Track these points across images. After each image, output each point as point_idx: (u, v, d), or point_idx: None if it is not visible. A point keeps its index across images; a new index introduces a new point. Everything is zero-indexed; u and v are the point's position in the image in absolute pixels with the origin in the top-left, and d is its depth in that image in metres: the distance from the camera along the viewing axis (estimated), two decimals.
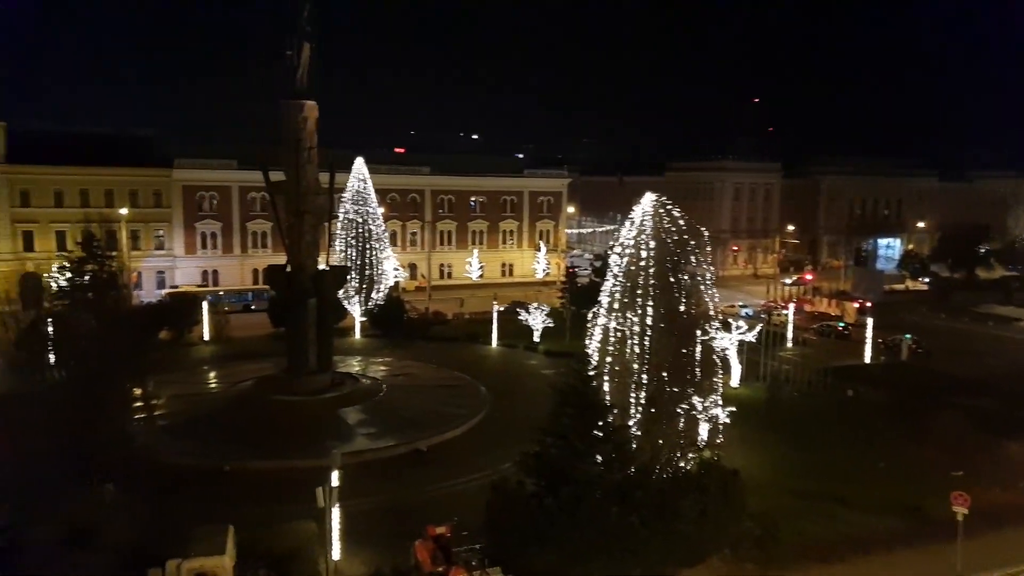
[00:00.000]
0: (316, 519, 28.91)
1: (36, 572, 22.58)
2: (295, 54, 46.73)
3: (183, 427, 42.22)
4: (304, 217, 46.65)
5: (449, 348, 65.73)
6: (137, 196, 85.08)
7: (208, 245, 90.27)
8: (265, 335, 62.04)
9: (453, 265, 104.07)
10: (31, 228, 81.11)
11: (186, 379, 51.84)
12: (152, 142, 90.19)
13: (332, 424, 43.29)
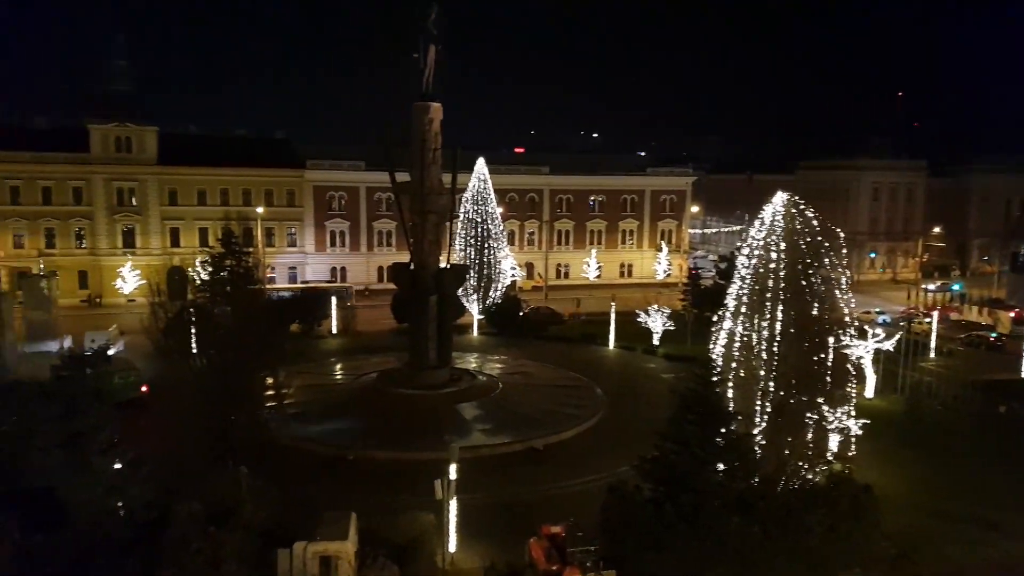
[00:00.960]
0: (434, 511, 29.40)
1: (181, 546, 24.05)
2: (422, 57, 47.85)
3: (311, 415, 44.13)
4: (427, 217, 47.73)
5: (565, 348, 65.54)
6: (272, 195, 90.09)
7: (337, 243, 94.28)
8: (388, 330, 64.00)
9: (570, 265, 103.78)
10: (178, 225, 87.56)
11: (315, 370, 54.21)
12: (287, 144, 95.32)
13: (450, 418, 44.03)
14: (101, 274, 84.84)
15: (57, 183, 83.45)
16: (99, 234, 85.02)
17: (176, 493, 27.97)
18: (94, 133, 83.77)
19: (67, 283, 79.52)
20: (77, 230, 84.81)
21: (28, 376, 49.30)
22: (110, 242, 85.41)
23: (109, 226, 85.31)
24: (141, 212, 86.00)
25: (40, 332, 62.42)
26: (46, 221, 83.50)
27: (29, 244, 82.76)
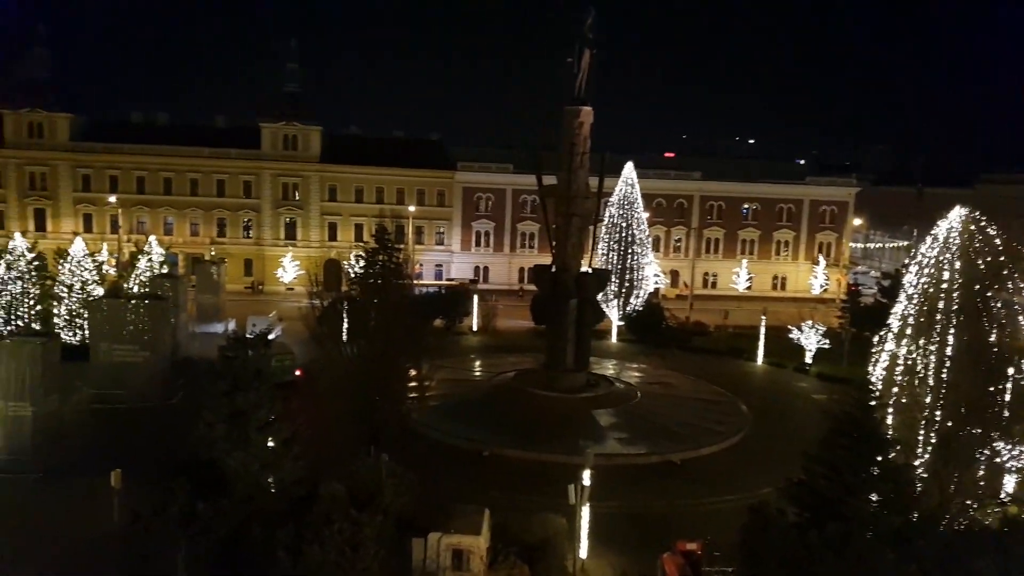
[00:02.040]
0: (566, 514, 29.23)
1: (324, 524, 25.22)
2: (576, 61, 47.88)
3: (450, 410, 45.18)
4: (572, 220, 47.68)
5: (709, 361, 63.46)
6: (424, 195, 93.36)
7: (481, 243, 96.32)
8: (527, 330, 64.50)
9: (719, 274, 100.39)
10: (335, 220, 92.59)
11: (455, 365, 55.51)
12: (439, 146, 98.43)
13: (585, 424, 43.70)
14: (264, 263, 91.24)
15: (230, 177, 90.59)
16: (264, 226, 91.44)
17: (322, 474, 29.40)
18: (265, 132, 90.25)
19: (234, 270, 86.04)
20: (245, 221, 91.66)
21: (197, 354, 53.99)
22: (274, 234, 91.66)
23: (274, 219, 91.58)
24: (303, 207, 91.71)
25: (209, 314, 67.92)
26: (218, 212, 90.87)
27: (203, 232, 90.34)
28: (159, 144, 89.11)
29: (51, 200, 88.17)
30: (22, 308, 55.79)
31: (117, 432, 40.50)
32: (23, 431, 35.76)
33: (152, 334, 48.00)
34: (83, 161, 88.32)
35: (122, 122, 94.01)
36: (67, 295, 57.46)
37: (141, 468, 29.81)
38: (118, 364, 47.02)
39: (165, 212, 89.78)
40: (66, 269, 58.11)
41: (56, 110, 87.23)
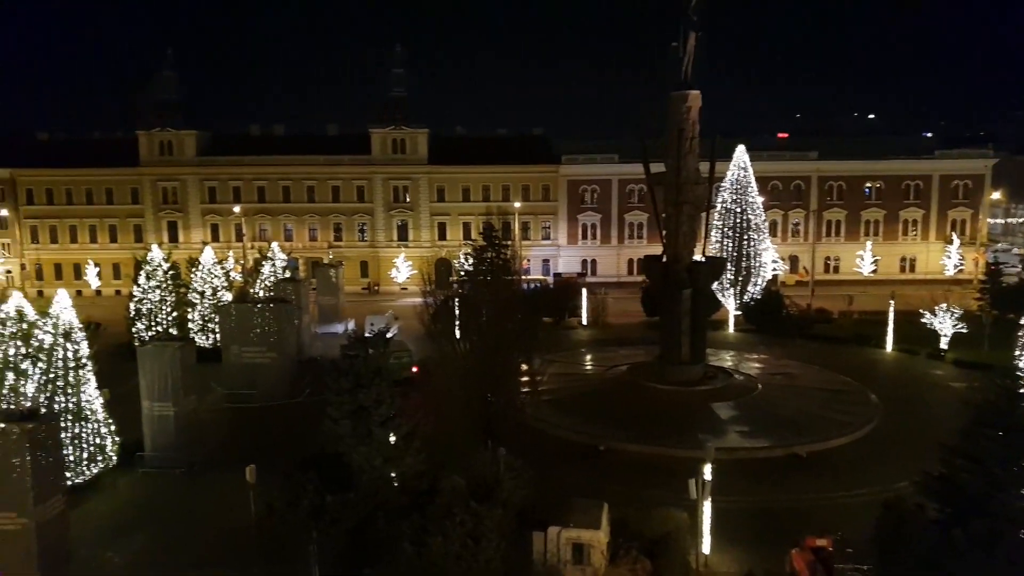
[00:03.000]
0: (687, 509, 28.60)
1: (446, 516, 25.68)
2: (681, 44, 46.68)
3: (563, 404, 45.11)
4: (682, 207, 46.51)
5: (833, 349, 60.48)
6: (529, 190, 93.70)
7: (588, 236, 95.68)
8: (639, 323, 63.62)
9: (841, 258, 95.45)
10: (444, 220, 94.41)
11: (566, 359, 55.39)
12: (543, 141, 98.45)
13: (704, 417, 42.59)
14: (379, 264, 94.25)
15: (344, 183, 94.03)
16: (377, 228, 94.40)
17: (442, 467, 29.99)
18: (375, 137, 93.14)
19: (351, 272, 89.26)
20: (360, 225, 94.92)
21: (320, 354, 56.35)
22: (387, 235, 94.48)
23: (386, 221, 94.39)
24: (413, 208, 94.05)
25: (329, 315, 70.78)
26: (334, 217, 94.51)
27: (321, 237, 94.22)
28: (277, 155, 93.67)
29: (182, 212, 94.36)
30: (160, 315, 59.96)
31: (249, 429, 42.85)
32: (167, 430, 38.38)
33: (278, 336, 50.42)
34: (209, 174, 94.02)
35: (243, 136, 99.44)
36: (200, 301, 61.31)
37: (273, 463, 31.36)
38: (248, 365, 49.71)
39: (285, 219, 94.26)
40: (198, 277, 62.00)
41: (184, 128, 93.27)
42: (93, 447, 36.12)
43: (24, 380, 35.40)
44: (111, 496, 35.28)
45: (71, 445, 34.34)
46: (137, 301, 60.19)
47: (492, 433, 35.75)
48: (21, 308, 38.81)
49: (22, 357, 35.98)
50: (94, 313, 66.04)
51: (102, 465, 36.54)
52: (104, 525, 32.18)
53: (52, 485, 27.51)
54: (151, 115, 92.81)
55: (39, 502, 26.42)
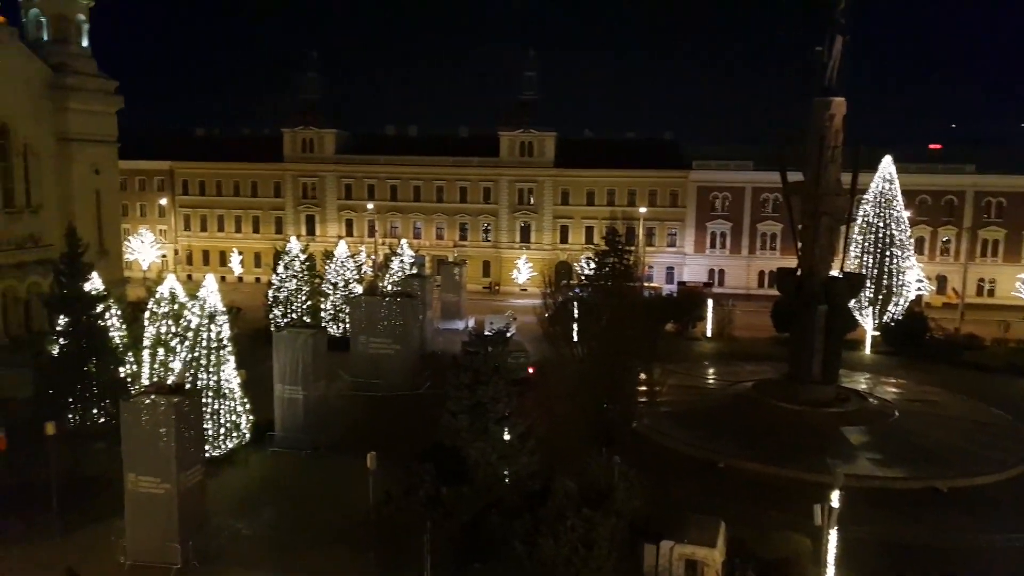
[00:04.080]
0: (810, 535, 27.08)
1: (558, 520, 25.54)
2: (826, 48, 44.39)
3: (682, 416, 43.91)
4: (820, 219, 44.20)
5: (984, 378, 55.70)
6: (656, 196, 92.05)
7: (716, 244, 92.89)
8: (766, 338, 60.94)
9: (997, 280, 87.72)
10: (567, 223, 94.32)
11: (688, 371, 53.91)
12: (673, 145, 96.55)
13: (833, 440, 40.25)
14: (500, 265, 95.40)
15: (471, 184, 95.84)
16: (501, 229, 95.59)
17: (554, 469, 29.83)
18: (503, 139, 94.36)
19: (473, 271, 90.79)
20: (484, 225, 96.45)
21: (441, 349, 57.61)
22: (509, 236, 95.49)
23: (510, 222, 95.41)
24: (537, 210, 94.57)
25: (451, 312, 72.32)
26: (461, 217, 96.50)
27: (447, 236, 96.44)
28: (409, 155, 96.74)
29: (319, 207, 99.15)
30: (296, 303, 63.17)
31: (372, 417, 44.27)
32: (296, 412, 40.28)
33: (403, 329, 51.92)
34: (346, 172, 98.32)
35: (379, 136, 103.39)
36: (332, 292, 64.10)
37: (393, 452, 32.24)
38: (374, 355, 51.47)
39: (414, 217, 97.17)
40: (331, 269, 64.85)
41: (325, 127, 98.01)
42: (229, 423, 38.41)
43: (172, 357, 38.13)
44: (243, 471, 37.37)
45: (210, 420, 36.58)
46: (275, 289, 63.69)
47: (606, 440, 35.26)
48: (174, 290, 41.81)
49: (172, 335, 38.75)
50: (235, 298, 70.30)
51: (236, 441, 38.80)
52: (235, 497, 34.10)
53: (193, 455, 29.25)
54: (295, 114, 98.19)
55: (181, 470, 28.16)
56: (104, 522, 30.28)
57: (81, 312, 41.02)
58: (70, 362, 40.31)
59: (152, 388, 30.95)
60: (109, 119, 74.62)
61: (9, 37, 64.00)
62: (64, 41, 69.32)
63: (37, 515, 30.73)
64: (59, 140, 68.63)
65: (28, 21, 68.47)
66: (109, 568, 28.26)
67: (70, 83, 68.57)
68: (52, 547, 29.21)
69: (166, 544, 28.07)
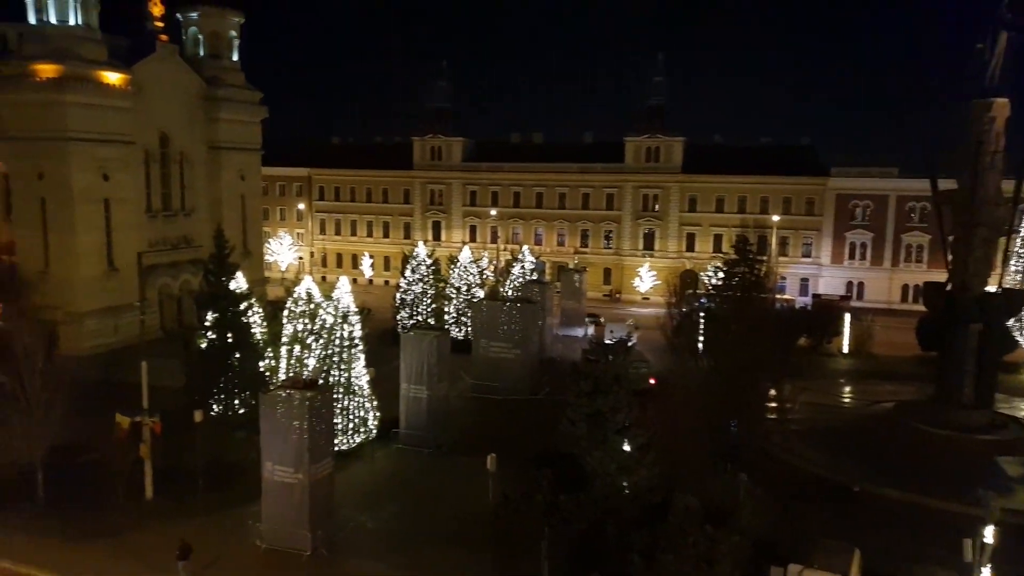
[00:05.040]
0: (959, 572, 24.90)
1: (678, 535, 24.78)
2: (988, 46, 41.00)
3: (814, 436, 41.66)
4: (976, 230, 40.76)
5: None
6: (790, 204, 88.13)
7: (856, 256, 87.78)
8: (910, 357, 56.91)
9: None
10: (694, 231, 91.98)
11: (821, 389, 51.11)
12: (810, 151, 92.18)
13: (985, 471, 36.93)
14: (622, 272, 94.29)
15: (595, 190, 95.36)
16: (624, 236, 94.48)
17: (675, 484, 28.97)
18: (628, 145, 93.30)
19: (594, 278, 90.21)
20: (606, 232, 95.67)
21: (560, 355, 57.51)
22: (632, 244, 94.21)
23: (633, 229, 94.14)
24: (662, 217, 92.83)
25: (571, 318, 72.10)
26: (583, 223, 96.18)
27: (568, 242, 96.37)
28: (533, 162, 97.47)
29: (445, 213, 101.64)
30: (421, 306, 64.91)
31: (492, 419, 44.75)
32: (420, 411, 41.29)
33: (523, 334, 52.23)
34: (471, 179, 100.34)
35: (503, 143, 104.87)
36: (456, 296, 65.44)
37: (511, 455, 32.38)
38: (494, 359, 52.07)
39: (536, 223, 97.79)
40: (455, 273, 66.23)
41: (452, 135, 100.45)
42: (358, 419, 39.90)
43: (307, 353, 40.01)
44: (369, 465, 38.69)
45: (340, 415, 38.11)
46: (402, 291, 65.76)
47: (731, 457, 34.00)
48: (310, 290, 43.91)
49: (307, 333, 40.68)
50: (366, 299, 73.04)
51: (364, 436, 40.24)
52: (361, 491, 35.34)
53: (323, 448, 30.46)
54: (425, 122, 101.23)
55: (313, 462, 29.39)
56: (243, 506, 32.19)
57: (226, 309, 43.83)
58: (216, 355, 43.15)
59: (288, 383, 32.56)
60: (254, 128, 79.60)
61: (171, 54, 69.54)
62: (217, 56, 74.58)
63: (185, 495, 33.08)
64: (210, 148, 73.86)
65: (187, 39, 74.13)
66: (247, 549, 29.98)
67: (221, 95, 73.66)
68: (198, 525, 31.32)
69: (297, 531, 29.45)
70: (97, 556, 29.43)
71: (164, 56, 68.26)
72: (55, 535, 30.75)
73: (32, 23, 58.71)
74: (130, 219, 64.06)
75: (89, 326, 59.05)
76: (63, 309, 56.71)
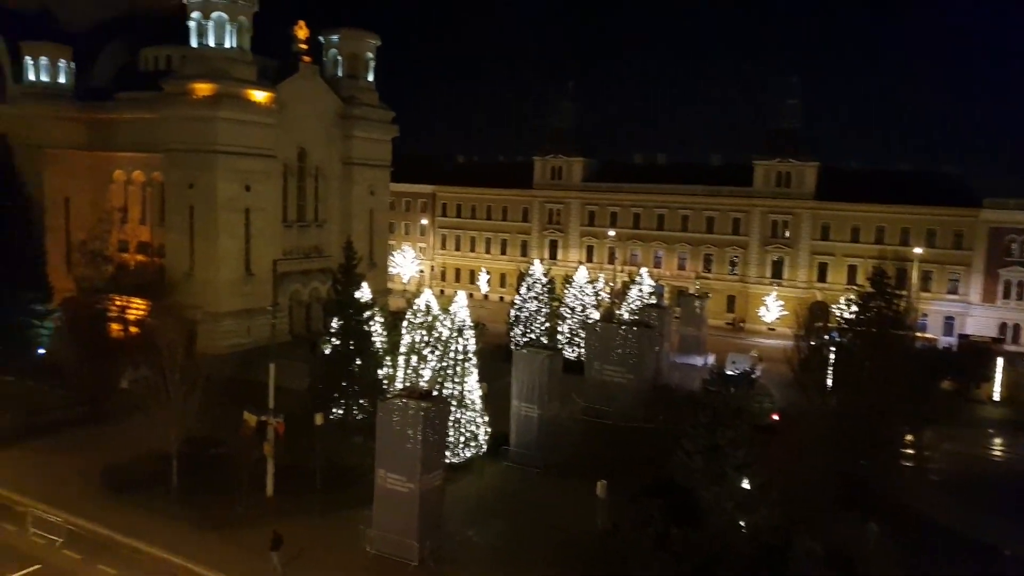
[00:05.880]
0: None
1: None
2: None
3: (957, 489, 38.36)
4: None
5: None
6: (934, 236, 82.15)
7: (1011, 295, 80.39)
8: None
9: None
10: (826, 260, 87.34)
11: (968, 438, 46.98)
12: (958, 180, 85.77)
13: None
14: (747, 300, 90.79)
15: (720, 214, 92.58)
16: (750, 263, 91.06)
17: (797, 527, 27.31)
18: (758, 168, 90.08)
19: (716, 305, 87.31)
20: (731, 257, 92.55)
21: (676, 383, 55.86)
22: (759, 271, 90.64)
23: (760, 256, 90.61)
24: (791, 245, 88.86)
25: (689, 346, 69.98)
26: (706, 248, 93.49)
27: (690, 266, 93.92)
28: (655, 183, 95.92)
29: (563, 232, 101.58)
30: (535, 324, 64.92)
31: (602, 444, 43.93)
32: (531, 430, 41.08)
33: (638, 359, 51.13)
34: (590, 199, 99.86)
35: (625, 164, 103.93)
36: (570, 316, 65.06)
37: (621, 481, 31.52)
38: (607, 382, 51.22)
39: (656, 246, 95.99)
40: (570, 293, 65.89)
41: (574, 155, 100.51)
42: (469, 433, 40.14)
43: (424, 364, 40.72)
44: (478, 481, 38.76)
45: (452, 428, 38.43)
46: (517, 308, 66.04)
47: (860, 504, 31.78)
48: (429, 303, 44.77)
49: (424, 344, 41.42)
50: (480, 314, 74.00)
51: (474, 451, 40.42)
52: (469, 505, 35.41)
53: (435, 459, 30.81)
54: (547, 143, 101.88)
55: (424, 472, 29.75)
56: (355, 510, 32.95)
57: (351, 317, 45.34)
58: (338, 361, 44.66)
59: (405, 392, 33.17)
60: (385, 145, 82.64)
61: (312, 74, 73.40)
62: (354, 76, 78.06)
63: (303, 494, 34.25)
64: (343, 163, 77.20)
65: (327, 60, 78.05)
66: (356, 553, 30.62)
67: (357, 113, 76.99)
68: (312, 525, 32.37)
69: (405, 540, 29.79)
70: (219, 545, 30.91)
71: (306, 76, 72.12)
72: (184, 521, 32.57)
73: (193, 46, 63.51)
74: (267, 228, 67.77)
75: (226, 326, 62.71)
76: (203, 309, 60.47)
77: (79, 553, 30.31)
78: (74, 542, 31.01)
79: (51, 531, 31.37)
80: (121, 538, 31.50)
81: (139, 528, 32.06)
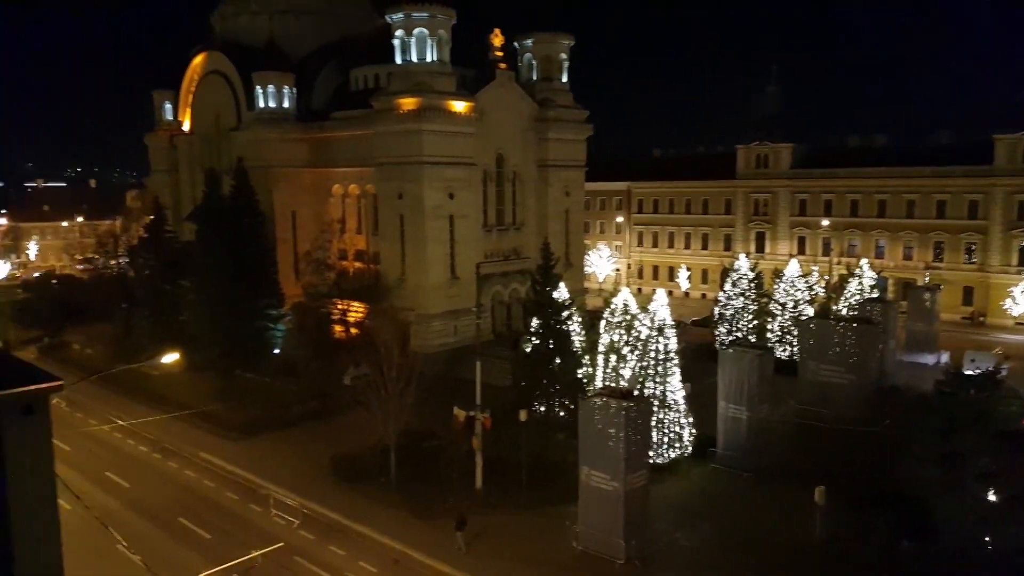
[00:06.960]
0: None
1: None
2: None
3: None
4: None
5: None
6: None
7: None
8: None
9: None
10: None
11: None
12: None
13: None
14: (988, 291, 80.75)
15: (952, 197, 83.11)
16: (991, 250, 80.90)
17: None
18: (999, 144, 79.76)
19: (949, 298, 78.59)
20: (967, 245, 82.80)
21: (903, 385, 50.77)
22: (1003, 259, 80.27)
23: (1004, 242, 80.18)
24: None
25: (918, 343, 63.45)
26: (936, 235, 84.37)
27: (917, 256, 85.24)
28: (874, 167, 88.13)
29: (770, 224, 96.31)
30: (741, 321, 62.07)
31: (818, 448, 40.87)
32: (739, 432, 39.30)
33: (858, 358, 47.19)
34: (800, 187, 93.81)
35: (838, 147, 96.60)
36: (780, 313, 61.47)
37: (840, 489, 29.19)
38: (823, 383, 47.71)
39: (877, 235, 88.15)
40: (780, 288, 62.21)
41: (780, 141, 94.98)
42: (672, 434, 39.22)
43: (623, 364, 40.36)
44: (684, 482, 37.79)
45: (655, 428, 37.75)
46: (721, 306, 63.55)
47: None
48: (627, 302, 44.33)
49: (624, 344, 41.04)
50: (681, 312, 72.14)
51: (679, 452, 39.43)
52: (675, 506, 34.59)
53: (639, 459, 30.47)
54: (752, 129, 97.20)
55: (628, 471, 29.53)
56: (561, 505, 33.42)
57: (550, 317, 46.06)
58: (539, 359, 45.54)
59: (606, 391, 33.07)
60: (579, 146, 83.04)
61: (508, 80, 75.50)
62: (548, 79, 79.14)
63: (510, 487, 35.31)
64: (539, 166, 78.61)
65: (522, 64, 79.84)
66: (563, 549, 31.02)
67: (551, 116, 78.06)
68: (521, 519, 33.27)
69: (611, 539, 29.69)
70: (438, 534, 32.57)
71: (502, 82, 74.32)
72: (403, 510, 34.78)
73: (398, 63, 67.81)
74: (469, 233, 70.69)
75: (435, 327, 66.28)
76: (415, 311, 64.34)
77: (313, 534, 33.39)
78: (309, 524, 34.22)
79: (289, 513, 34.85)
80: (349, 523, 34.28)
81: (364, 514, 34.72)
